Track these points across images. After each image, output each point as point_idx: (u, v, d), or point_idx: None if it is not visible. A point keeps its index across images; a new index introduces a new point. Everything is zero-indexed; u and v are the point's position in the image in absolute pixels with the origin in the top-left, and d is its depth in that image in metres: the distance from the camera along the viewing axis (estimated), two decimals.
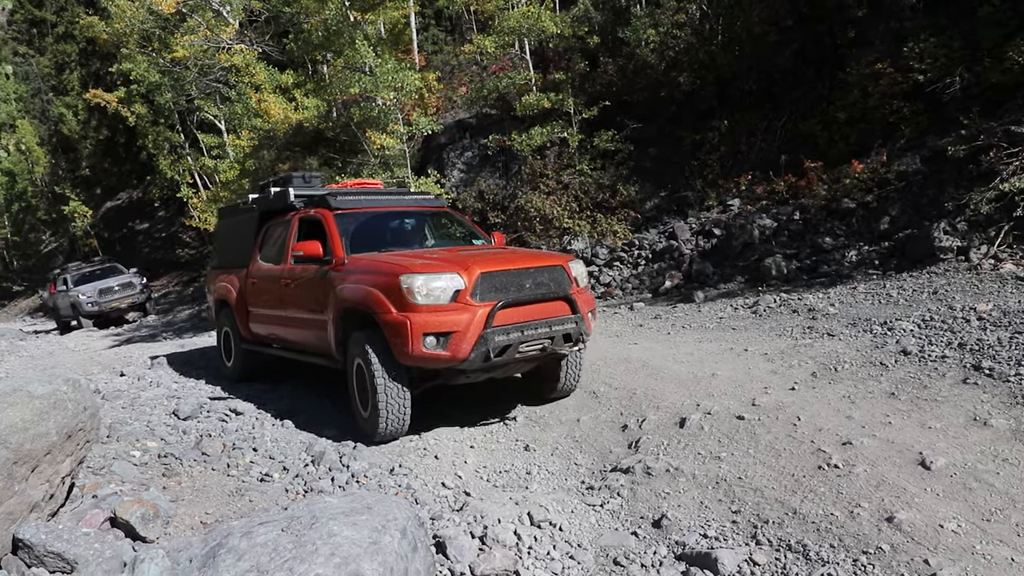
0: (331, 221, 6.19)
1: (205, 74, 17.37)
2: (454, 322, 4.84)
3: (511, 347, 4.97)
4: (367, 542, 2.88)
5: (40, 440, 3.03)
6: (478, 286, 4.94)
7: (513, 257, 5.51)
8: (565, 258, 5.62)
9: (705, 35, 13.72)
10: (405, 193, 7.61)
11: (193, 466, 4.98)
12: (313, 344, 6.25)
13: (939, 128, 9.30)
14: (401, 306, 4.92)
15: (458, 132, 16.07)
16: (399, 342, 4.91)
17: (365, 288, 5.23)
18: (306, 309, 6.21)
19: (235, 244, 8.13)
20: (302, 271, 6.25)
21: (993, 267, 7.14)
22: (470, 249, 6.07)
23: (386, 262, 5.38)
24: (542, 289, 5.21)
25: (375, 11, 13.52)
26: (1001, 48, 8.93)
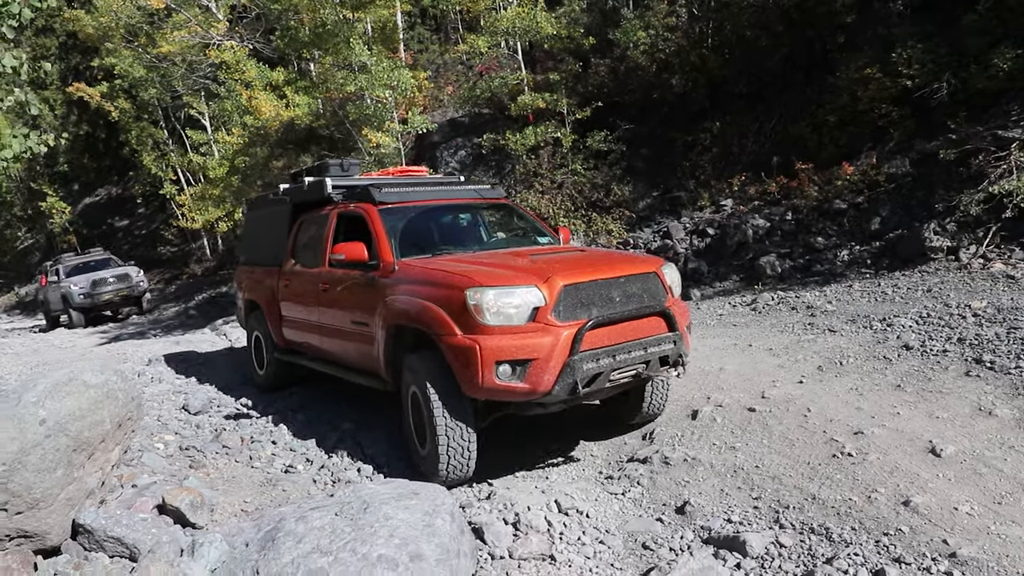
0: (377, 218, 5.31)
1: (193, 70, 17.27)
2: (534, 347, 4.02)
3: (601, 376, 4.17)
4: (422, 524, 3.00)
5: (96, 428, 3.09)
6: (561, 301, 4.14)
7: (596, 262, 4.67)
8: (656, 262, 4.81)
9: (695, 38, 13.95)
10: (457, 183, 6.67)
11: (217, 458, 5.05)
12: (356, 360, 5.44)
13: (927, 132, 9.60)
14: (467, 327, 4.10)
15: (451, 131, 16.15)
16: (466, 371, 4.09)
17: (421, 303, 4.40)
18: (348, 319, 5.39)
19: (266, 239, 7.38)
20: (343, 275, 5.42)
21: (983, 266, 7.42)
22: (542, 252, 5.08)
23: (446, 271, 4.54)
24: (635, 302, 4.42)
25: (365, 9, 13.57)
26: (986, 55, 9.24)
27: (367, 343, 5.08)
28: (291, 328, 6.61)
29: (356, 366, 5.51)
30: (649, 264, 4.73)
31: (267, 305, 6.96)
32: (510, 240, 6.13)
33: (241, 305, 7.90)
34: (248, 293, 7.54)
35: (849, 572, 3.23)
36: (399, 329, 4.73)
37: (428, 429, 4.37)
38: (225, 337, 12.03)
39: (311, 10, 13.66)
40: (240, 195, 15.34)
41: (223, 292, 19.50)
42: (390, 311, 4.71)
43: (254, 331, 7.39)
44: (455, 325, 4.16)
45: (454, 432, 4.29)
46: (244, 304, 7.72)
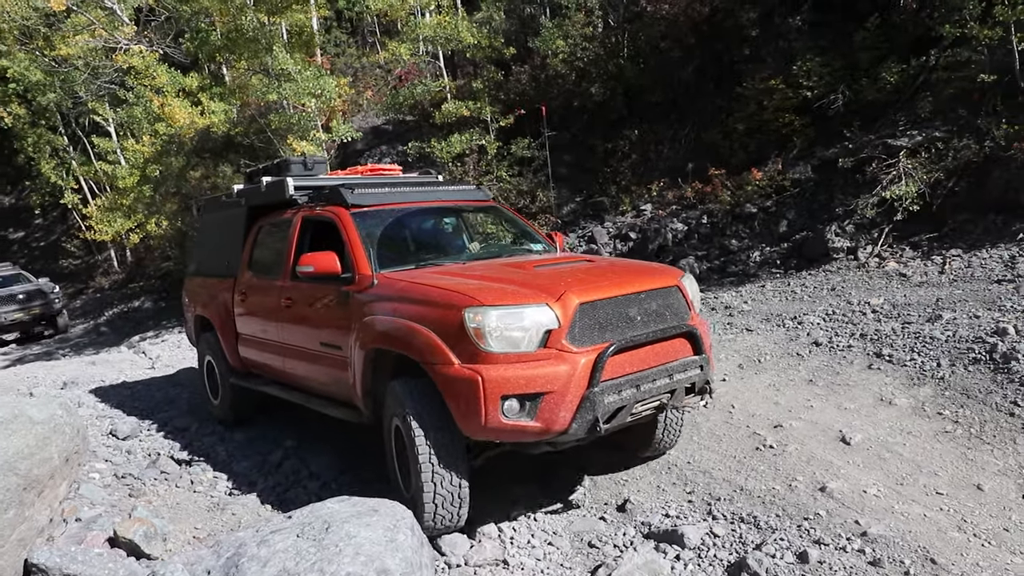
0: (350, 224, 4.62)
1: (97, 75, 16.45)
2: (547, 378, 3.43)
3: (624, 410, 3.64)
4: (385, 540, 3.11)
5: (45, 465, 3.05)
6: (577, 322, 3.57)
7: (611, 274, 4.11)
8: (675, 272, 4.29)
9: (612, 48, 14.45)
10: (437, 183, 5.86)
11: (157, 485, 4.96)
12: (326, 387, 4.77)
13: (826, 140, 10.35)
14: (466, 354, 3.49)
15: (375, 138, 16.08)
16: (465, 408, 3.48)
17: (408, 324, 3.76)
18: (316, 340, 4.72)
19: (219, 246, 6.59)
20: (311, 290, 4.76)
21: (879, 265, 8.12)
22: (545, 262, 4.48)
23: (438, 286, 3.87)
24: (657, 322, 3.89)
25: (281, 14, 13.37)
26: (876, 69, 10.07)
27: (340, 368, 4.42)
28: (248, 348, 5.84)
29: (326, 394, 4.82)
30: (669, 276, 4.17)
31: (220, 322, 6.17)
32: (501, 248, 5.53)
33: (191, 322, 7.05)
34: (198, 308, 6.67)
35: (776, 556, 3.56)
36: (380, 354, 4.10)
37: (412, 471, 3.77)
38: (144, 355, 11.58)
39: (223, 13, 13.33)
40: (153, 206, 14.77)
41: (135, 306, 18.67)
42: (369, 333, 4.04)
43: (206, 354, 6.56)
44: (450, 352, 3.53)
45: (443, 478, 3.68)
46: (194, 321, 6.86)
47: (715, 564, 3.63)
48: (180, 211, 13.22)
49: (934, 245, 7.98)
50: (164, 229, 15.21)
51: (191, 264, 7.73)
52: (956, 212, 8.10)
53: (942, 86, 9.12)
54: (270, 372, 5.63)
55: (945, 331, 5.63)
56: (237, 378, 6.03)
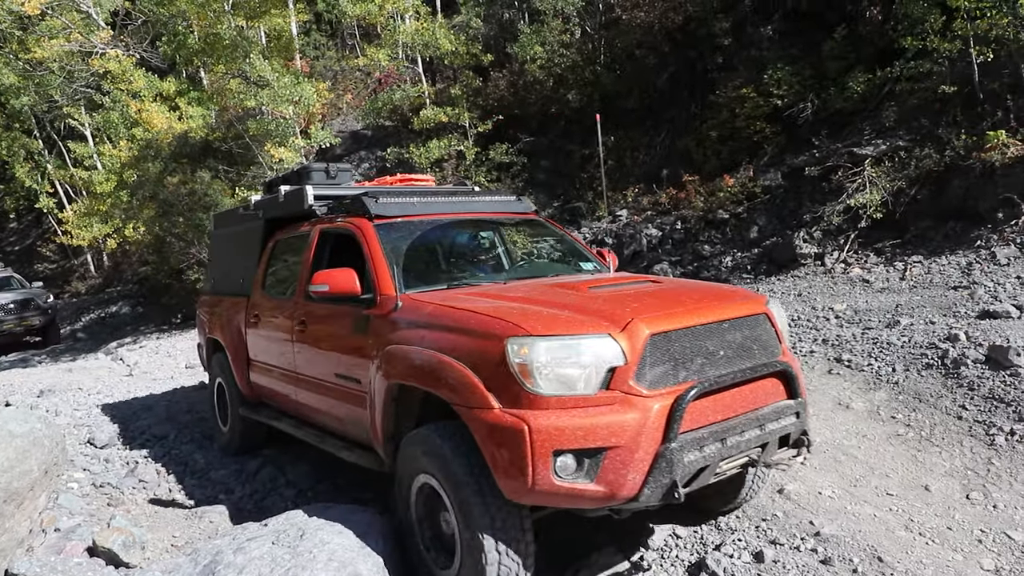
0: (372, 237, 4.09)
1: (73, 79, 16.35)
2: (611, 429, 2.77)
3: (707, 470, 2.98)
4: (358, 547, 3.24)
5: (25, 478, 3.14)
6: (648, 357, 2.91)
7: (682, 299, 3.42)
8: (759, 298, 3.60)
9: (589, 54, 14.66)
10: (471, 192, 5.37)
11: (135, 493, 5.04)
12: (342, 425, 4.21)
13: (795, 147, 10.62)
14: (508, 396, 2.86)
15: (354, 144, 16.14)
16: (507, 465, 2.82)
17: (438, 356, 3.15)
18: (331, 370, 4.16)
19: (233, 263, 6.14)
20: (326, 312, 4.23)
21: (844, 271, 8.37)
22: (601, 283, 3.82)
23: (474, 310, 3.23)
24: (745, 358, 3.23)
25: (260, 19, 13.41)
26: (843, 78, 10.35)
27: (357, 405, 3.86)
28: (260, 375, 5.34)
29: (342, 433, 4.26)
30: (754, 302, 3.50)
31: (232, 345, 5.66)
32: (546, 266, 4.96)
33: (203, 344, 6.59)
34: (211, 330, 6.22)
35: (734, 556, 3.73)
36: (404, 391, 3.49)
37: (462, 544, 3.05)
38: (122, 362, 11.58)
39: (202, 17, 13.34)
40: (130, 211, 14.72)
41: (113, 312, 18.56)
42: (392, 365, 3.44)
43: (217, 378, 6.14)
44: (489, 393, 2.89)
45: (505, 552, 2.96)
46: (206, 343, 6.42)
47: (676, 564, 3.79)
48: (158, 217, 13.20)
49: (897, 252, 8.24)
50: (142, 235, 15.16)
51: (206, 281, 7.25)
52: (918, 219, 8.37)
53: (906, 96, 9.41)
54: (282, 403, 5.09)
55: (902, 337, 5.86)
56: (247, 409, 5.53)
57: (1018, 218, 7.46)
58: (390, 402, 3.52)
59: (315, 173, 5.45)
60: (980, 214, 7.84)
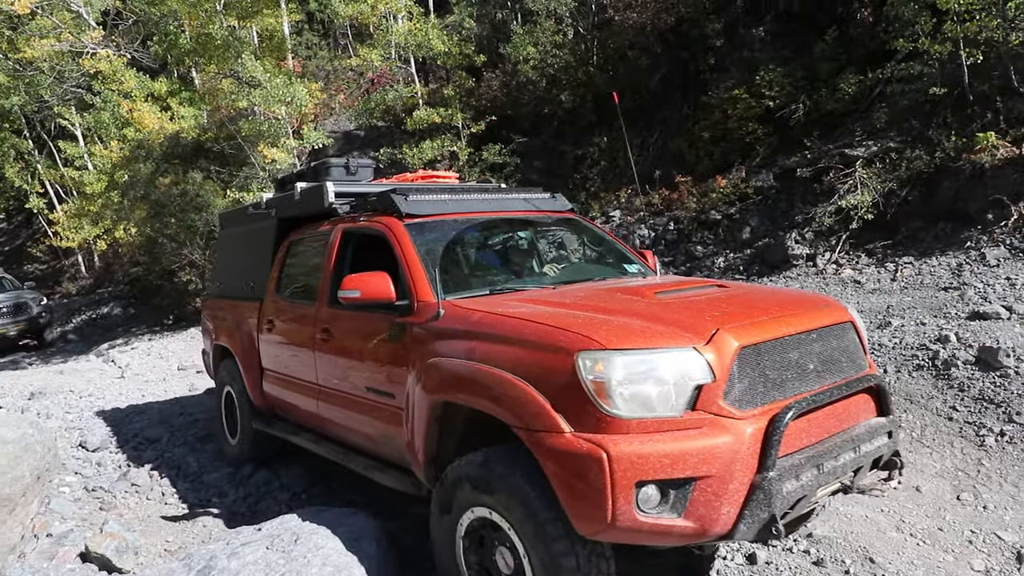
0: (405, 237, 3.77)
1: (63, 79, 16.27)
2: (700, 456, 2.46)
3: (802, 500, 2.67)
4: (352, 551, 3.24)
5: (17, 484, 3.12)
6: (737, 373, 2.63)
7: (761, 305, 3.12)
8: (838, 304, 3.33)
9: (581, 55, 14.68)
10: (501, 190, 5.00)
11: (128, 497, 5.02)
12: (373, 443, 3.90)
13: (787, 148, 10.66)
14: (581, 419, 2.54)
15: (347, 144, 16.11)
16: (581, 498, 2.50)
17: (493, 372, 2.83)
18: (361, 383, 3.86)
19: (243, 264, 5.82)
20: (356, 320, 3.89)
21: (835, 272, 8.41)
22: (667, 287, 3.55)
23: (534, 320, 2.91)
24: (833, 371, 2.97)
25: (252, 19, 13.39)
26: (834, 80, 10.40)
27: (391, 422, 3.56)
28: (275, 385, 5.02)
29: (372, 452, 3.95)
30: (837, 308, 3.23)
31: (242, 353, 5.37)
32: (590, 268, 4.59)
33: (209, 351, 6.28)
34: (218, 336, 5.90)
35: (727, 558, 3.75)
36: (450, 409, 3.15)
37: None
38: (114, 364, 11.52)
39: (193, 17, 13.30)
40: (121, 212, 14.66)
41: (104, 313, 18.46)
42: (435, 380, 3.13)
43: (225, 385, 5.82)
44: (557, 415, 2.57)
45: None
46: (213, 350, 6.09)
47: (669, 567, 3.81)
48: (149, 217, 13.15)
49: (887, 253, 8.29)
50: (133, 236, 15.09)
51: (212, 284, 6.85)
52: (908, 220, 8.43)
53: (896, 98, 9.46)
54: (301, 417, 4.75)
55: (893, 338, 5.90)
56: (261, 422, 5.20)
57: (1008, 219, 7.52)
58: (433, 421, 3.17)
59: (334, 169, 5.12)
60: (970, 215, 7.90)
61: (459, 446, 3.20)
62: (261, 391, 5.21)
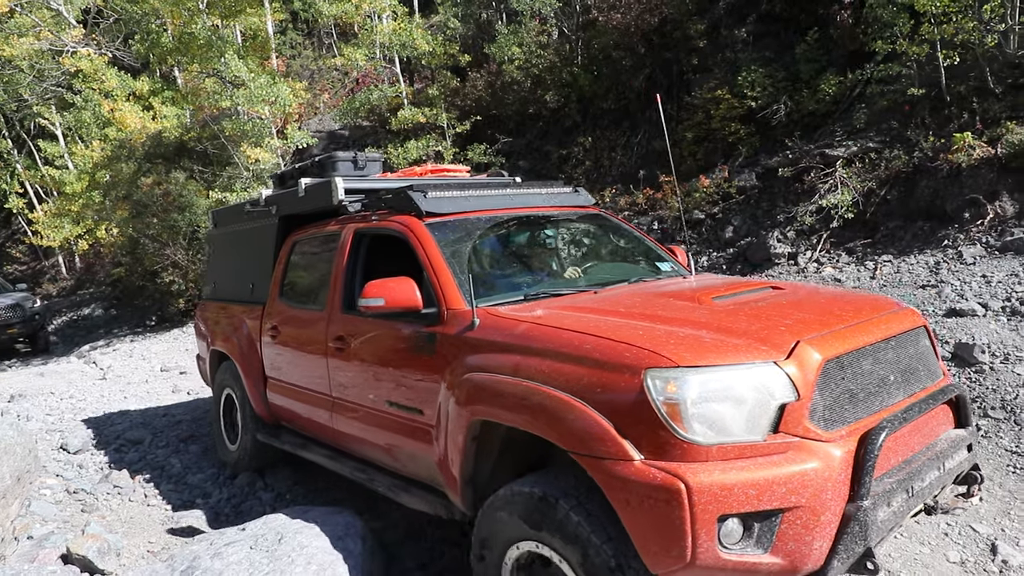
0: (427, 238, 3.50)
1: (43, 78, 16.08)
2: (788, 484, 2.21)
3: (892, 529, 2.50)
4: (336, 549, 3.25)
5: None
6: (822, 389, 2.39)
7: (834, 309, 2.86)
8: (909, 308, 3.08)
9: (566, 55, 14.72)
10: (519, 184, 4.47)
11: (110, 499, 4.99)
12: (397, 461, 3.65)
13: (769, 148, 10.76)
14: (652, 444, 2.29)
15: (332, 144, 16.05)
16: (657, 535, 2.24)
17: (546, 392, 2.55)
18: (382, 398, 3.58)
19: (241, 266, 5.59)
20: (374, 329, 3.63)
21: (816, 270, 8.51)
22: (721, 290, 3.28)
23: (590, 332, 2.63)
24: (914, 383, 2.76)
25: (235, 17, 13.31)
26: (815, 80, 10.51)
27: (418, 439, 3.32)
28: (280, 395, 4.75)
29: (394, 470, 3.71)
30: (910, 313, 2.99)
31: (243, 360, 5.09)
32: (623, 269, 4.23)
33: (205, 356, 6.02)
34: (215, 340, 5.63)
35: None
36: (489, 428, 2.89)
37: None
38: (95, 365, 11.42)
39: (176, 16, 13.20)
40: (103, 212, 14.52)
41: (85, 314, 18.28)
42: (475, 397, 2.86)
43: (225, 388, 5.57)
44: (625, 441, 2.31)
45: None
46: (209, 356, 5.84)
47: None
48: (131, 218, 13.03)
49: (867, 251, 8.40)
50: (115, 236, 14.95)
51: (206, 286, 6.55)
52: (887, 219, 8.54)
53: (876, 99, 9.58)
54: (311, 430, 4.47)
55: None
56: (265, 434, 4.96)
57: (983, 218, 7.65)
58: (470, 441, 2.91)
59: (341, 163, 4.78)
60: (947, 214, 8.02)
61: (496, 467, 3.00)
62: (265, 401, 4.95)
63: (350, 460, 4.07)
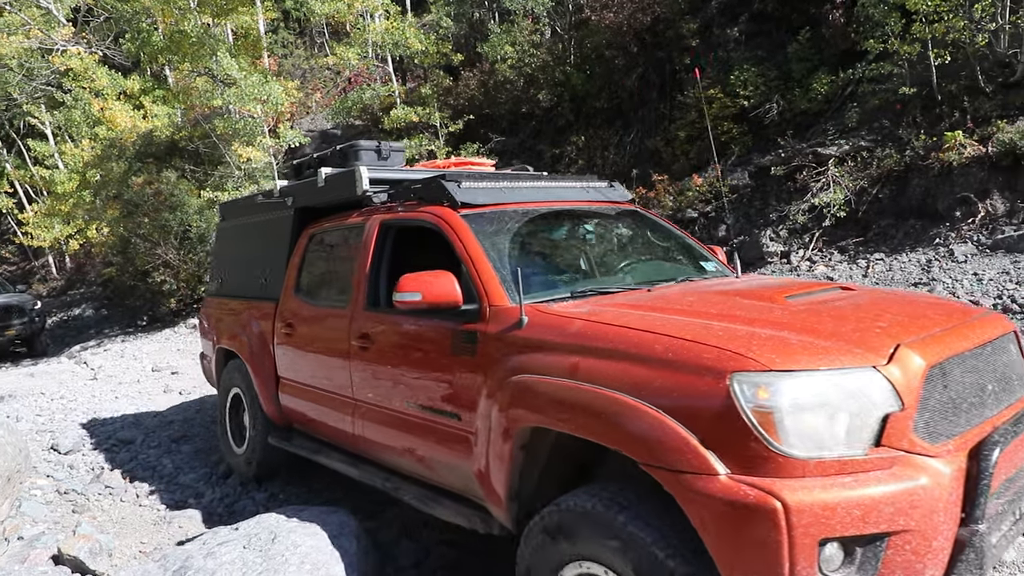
0: (465, 230, 3.26)
1: (32, 76, 15.97)
2: (895, 504, 1.97)
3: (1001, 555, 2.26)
4: (330, 549, 3.23)
5: None
6: (927, 398, 2.16)
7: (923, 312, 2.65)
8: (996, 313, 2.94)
9: (559, 55, 14.74)
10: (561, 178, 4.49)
11: (101, 499, 4.95)
12: (430, 470, 3.35)
13: (762, 147, 10.80)
14: (742, 457, 2.03)
15: (324, 143, 16.01)
16: (748, 559, 1.99)
17: (609, 396, 2.30)
18: (413, 399, 3.33)
19: (251, 259, 5.29)
20: (405, 327, 3.40)
21: (809, 268, 8.55)
22: (792, 289, 3.00)
23: (660, 331, 2.38)
24: (1011, 392, 2.54)
25: (227, 16, 13.26)
26: (807, 79, 10.56)
27: (455, 447, 3.06)
28: (295, 397, 4.50)
29: (426, 479, 3.41)
30: (999, 319, 2.76)
31: (254, 359, 4.82)
32: (671, 268, 3.97)
33: (210, 355, 5.76)
34: (221, 338, 5.37)
35: None
36: (539, 435, 2.61)
37: None
38: (86, 365, 11.34)
39: (167, 15, 13.14)
40: (93, 212, 14.43)
41: (76, 315, 18.16)
42: (522, 400, 2.60)
43: (232, 388, 5.27)
44: (708, 452, 2.06)
45: None
46: (216, 354, 5.53)
47: None
48: (122, 217, 12.95)
49: (859, 249, 8.44)
50: (105, 236, 14.86)
51: (211, 281, 6.21)
52: (879, 218, 8.59)
53: (867, 98, 9.63)
54: (329, 434, 4.22)
55: None
56: (278, 437, 4.68)
57: (974, 216, 7.69)
58: (517, 450, 2.64)
59: (364, 152, 4.58)
60: (939, 212, 8.07)
61: (542, 479, 2.72)
62: (277, 402, 4.67)
63: (371, 467, 3.81)
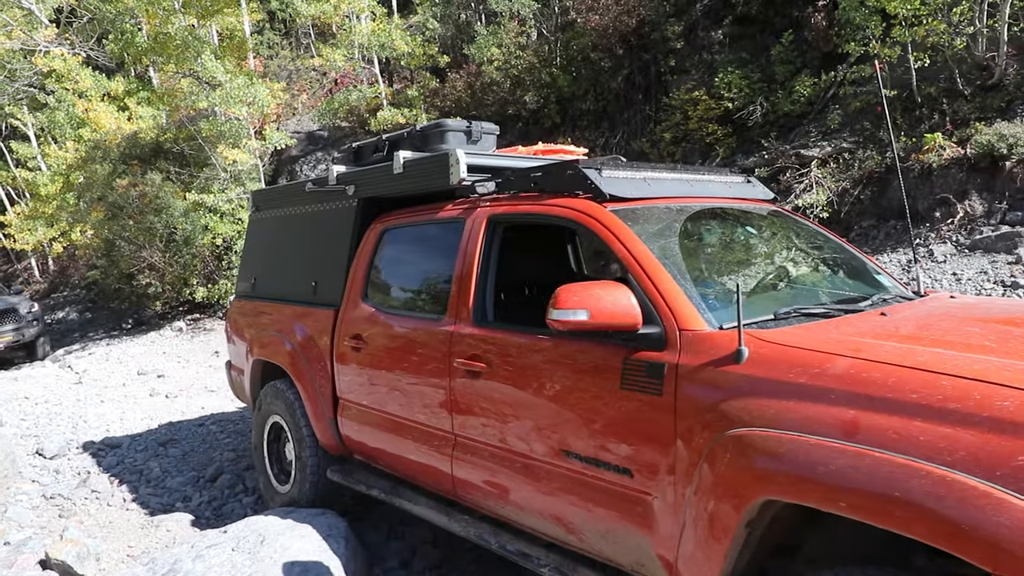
0: (626, 231, 2.59)
1: (14, 78, 15.82)
2: None
3: None
4: (319, 551, 3.26)
5: None
6: None
7: None
8: None
9: (545, 56, 14.79)
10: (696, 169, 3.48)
11: (88, 504, 4.94)
12: (573, 532, 2.61)
13: (746, 149, 10.90)
14: None
15: (310, 145, 15.98)
16: None
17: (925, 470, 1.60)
18: (555, 443, 2.62)
19: (297, 258, 4.53)
20: (546, 352, 2.68)
21: None
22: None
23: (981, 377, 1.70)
24: None
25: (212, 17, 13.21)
26: (790, 82, 10.68)
27: (624, 513, 2.38)
28: (365, 425, 3.72)
29: (564, 543, 2.70)
30: None
31: (304, 375, 4.06)
32: (855, 284, 3.20)
33: (242, 367, 4.91)
34: (259, 349, 4.57)
35: None
36: (772, 509, 1.95)
37: None
38: (71, 369, 11.26)
39: (152, 16, 13.07)
40: (77, 214, 14.32)
41: (60, 318, 18.00)
42: (760, 463, 1.92)
43: (270, 415, 4.45)
44: None
45: None
46: (251, 367, 4.68)
47: None
48: (107, 220, 12.86)
49: None
50: (90, 238, 14.75)
51: (240, 281, 5.32)
52: (861, 218, 8.71)
53: (849, 100, 9.76)
54: (411, 472, 3.50)
55: None
56: (339, 472, 3.95)
57: (953, 217, 7.82)
58: (740, 529, 1.97)
59: (451, 134, 3.92)
60: (919, 213, 8.19)
61: (750, 564, 2.07)
62: (335, 428, 3.91)
63: (470, 517, 3.16)
